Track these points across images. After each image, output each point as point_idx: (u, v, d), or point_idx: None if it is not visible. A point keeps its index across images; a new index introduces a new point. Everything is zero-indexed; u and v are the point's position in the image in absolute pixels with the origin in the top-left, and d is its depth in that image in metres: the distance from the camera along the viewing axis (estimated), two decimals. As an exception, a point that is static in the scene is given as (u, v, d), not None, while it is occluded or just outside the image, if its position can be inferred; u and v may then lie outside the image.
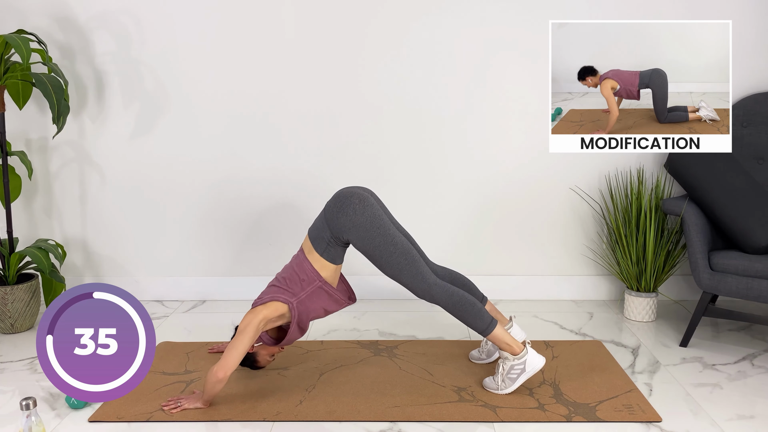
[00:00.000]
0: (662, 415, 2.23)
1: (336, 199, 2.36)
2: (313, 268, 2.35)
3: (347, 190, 2.38)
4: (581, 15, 3.17)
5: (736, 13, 3.14)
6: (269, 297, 2.34)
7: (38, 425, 1.95)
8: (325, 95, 3.29)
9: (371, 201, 2.35)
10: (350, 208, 2.31)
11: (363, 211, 2.31)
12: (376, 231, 2.31)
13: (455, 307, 2.36)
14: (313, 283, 2.35)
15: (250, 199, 3.40)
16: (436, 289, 2.35)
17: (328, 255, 2.36)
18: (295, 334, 2.41)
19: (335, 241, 2.35)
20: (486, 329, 2.35)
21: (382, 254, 2.33)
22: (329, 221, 2.34)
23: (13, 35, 2.82)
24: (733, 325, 3.07)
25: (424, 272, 2.36)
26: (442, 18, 3.20)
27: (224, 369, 2.22)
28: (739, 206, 2.75)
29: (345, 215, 2.31)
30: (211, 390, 2.25)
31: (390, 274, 2.37)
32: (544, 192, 3.36)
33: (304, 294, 2.35)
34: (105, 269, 3.49)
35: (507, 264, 3.45)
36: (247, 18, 3.22)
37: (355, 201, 2.32)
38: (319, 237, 2.36)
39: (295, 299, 2.34)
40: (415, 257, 2.35)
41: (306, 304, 2.36)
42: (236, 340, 2.26)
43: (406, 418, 2.22)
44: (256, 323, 2.27)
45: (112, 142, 3.36)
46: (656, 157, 3.30)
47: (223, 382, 2.24)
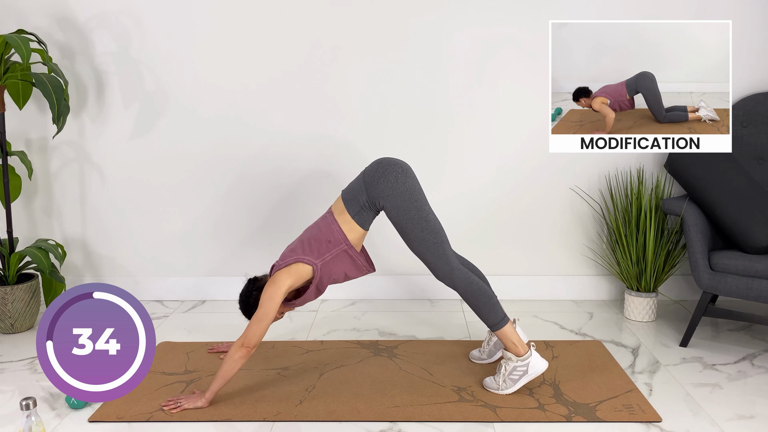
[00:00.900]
0: (662, 415, 2.23)
1: (378, 165, 2.37)
2: (341, 230, 2.34)
3: (390, 159, 2.39)
4: (581, 15, 3.17)
5: (736, 13, 3.14)
6: (293, 258, 2.32)
7: (38, 425, 1.95)
8: (325, 96, 3.29)
9: (412, 173, 2.37)
10: (392, 176, 2.32)
11: (405, 181, 2.32)
12: (413, 204, 2.32)
13: (473, 296, 2.36)
14: (339, 245, 2.34)
15: (251, 199, 3.40)
16: (458, 274, 2.36)
17: (360, 218, 2.35)
18: (311, 295, 2.40)
19: (369, 206, 2.35)
20: (498, 324, 2.35)
21: (414, 228, 2.33)
22: (368, 185, 2.34)
23: (13, 35, 2.82)
24: (733, 325, 3.07)
25: (450, 255, 2.36)
26: (442, 17, 3.20)
27: (250, 342, 2.21)
28: (739, 206, 2.75)
29: (386, 181, 2.31)
30: (230, 370, 2.24)
31: (416, 249, 2.36)
32: (544, 192, 3.36)
33: (329, 255, 2.34)
34: (105, 269, 3.50)
35: (507, 264, 3.45)
36: (247, 18, 3.22)
37: (397, 170, 2.33)
38: (353, 199, 2.36)
39: (320, 260, 2.33)
40: (444, 238, 2.36)
41: (329, 267, 2.35)
42: (261, 312, 2.24)
43: (406, 418, 2.22)
44: (281, 294, 2.27)
45: (112, 142, 3.36)
46: (656, 157, 3.30)
47: (245, 359, 2.23)
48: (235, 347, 2.24)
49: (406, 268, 3.43)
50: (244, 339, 2.23)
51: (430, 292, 3.48)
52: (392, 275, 3.46)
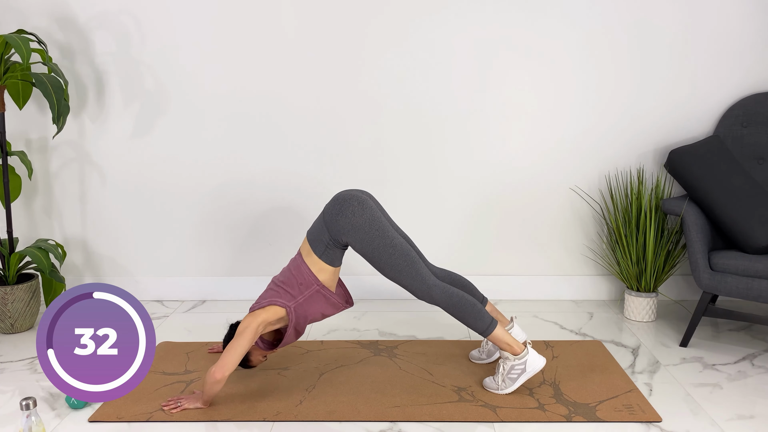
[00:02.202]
0: (662, 415, 2.23)
1: (335, 201, 2.36)
2: (311, 272, 2.35)
3: (346, 193, 2.38)
4: (581, 14, 3.17)
5: (736, 13, 3.14)
6: (267, 301, 2.34)
7: (38, 425, 1.95)
8: (325, 96, 3.29)
9: (370, 203, 2.36)
10: (349, 210, 2.31)
11: (362, 213, 2.31)
12: (375, 233, 2.31)
13: (455, 308, 2.36)
14: (311, 287, 2.36)
15: (250, 199, 3.40)
16: (435, 290, 2.35)
17: (327, 257, 2.36)
18: (291, 337, 2.41)
19: (334, 243, 2.35)
20: (486, 330, 2.35)
21: (381, 256, 2.33)
22: (328, 223, 2.34)
23: (13, 35, 2.82)
24: (733, 325, 3.07)
25: (424, 273, 2.36)
26: (442, 18, 3.20)
27: (222, 370, 2.22)
28: (739, 206, 2.75)
29: (344, 217, 2.31)
30: (210, 390, 2.25)
31: (389, 275, 2.37)
32: (544, 192, 3.36)
33: (302, 298, 2.35)
34: (105, 269, 3.50)
35: (507, 264, 3.44)
36: (247, 18, 3.22)
37: (354, 203, 2.33)
38: (317, 239, 2.36)
39: (293, 303, 2.34)
40: (414, 259, 2.36)
41: (304, 308, 2.36)
42: (235, 341, 2.26)
43: (406, 418, 2.22)
44: (255, 326, 2.28)
45: (112, 142, 3.36)
46: (656, 157, 3.30)
47: (222, 383, 2.24)
48: (210, 372, 2.23)
49: (406, 268, 3.43)
50: (218, 366, 2.23)
51: (430, 292, 3.47)
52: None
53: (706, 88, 3.22)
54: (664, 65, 3.21)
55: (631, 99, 3.25)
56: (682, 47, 3.19)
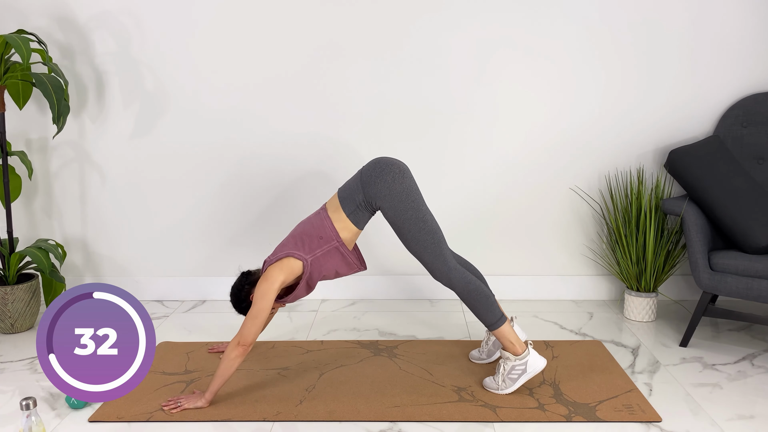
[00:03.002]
0: (662, 415, 2.23)
1: (376, 164, 2.36)
2: (334, 228, 2.34)
3: (388, 159, 2.38)
4: (582, 13, 3.17)
5: (736, 13, 3.15)
6: (285, 253, 2.32)
7: (38, 425, 1.95)
8: (324, 96, 3.29)
9: (410, 174, 2.37)
10: (389, 176, 2.31)
11: (402, 181, 2.32)
12: (410, 204, 2.31)
13: (470, 296, 2.36)
14: (331, 242, 2.34)
15: (251, 198, 3.40)
16: (455, 273, 2.36)
17: (355, 217, 2.35)
18: (302, 291, 2.40)
19: (365, 206, 2.35)
20: (495, 323, 2.35)
21: (411, 228, 2.32)
22: (365, 185, 2.33)
23: (13, 35, 2.82)
24: (733, 325, 3.07)
25: (447, 255, 2.36)
26: (442, 18, 3.20)
27: (246, 340, 2.21)
28: (739, 206, 2.75)
29: (383, 181, 2.31)
30: (228, 369, 2.24)
31: (413, 249, 2.36)
32: (544, 192, 3.36)
33: (320, 252, 2.34)
34: (105, 269, 3.50)
35: (507, 264, 3.45)
36: (247, 18, 3.22)
37: (395, 170, 2.33)
38: (349, 198, 2.35)
39: (310, 256, 2.33)
40: (441, 238, 2.36)
41: (320, 262, 2.35)
42: (255, 308, 2.24)
43: (406, 418, 2.22)
44: (273, 291, 2.27)
45: (112, 142, 3.36)
46: (656, 157, 3.30)
47: (242, 358, 2.23)
48: (231, 346, 2.24)
49: (405, 268, 3.43)
50: (239, 337, 2.23)
51: (429, 292, 3.47)
52: (392, 275, 3.46)
53: (706, 88, 3.22)
54: (664, 65, 3.21)
55: (631, 99, 3.25)
56: (682, 47, 3.19)
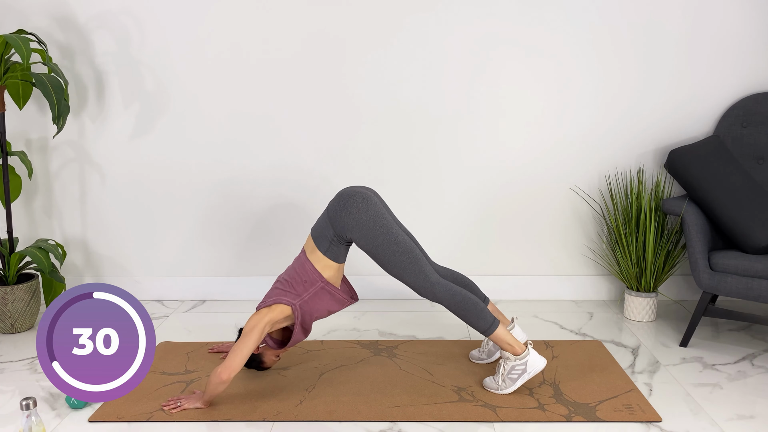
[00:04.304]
0: (662, 415, 2.23)
1: (339, 198, 2.37)
2: (315, 269, 2.36)
3: (350, 189, 2.38)
4: (578, 11, 3.17)
5: (735, 13, 3.14)
6: (273, 300, 2.34)
7: (38, 425, 1.95)
8: (325, 95, 3.28)
9: (374, 200, 2.36)
10: (353, 207, 2.32)
11: (366, 210, 2.32)
12: (379, 230, 2.32)
13: (458, 306, 2.36)
14: (316, 284, 2.36)
15: (251, 198, 3.40)
16: (438, 288, 2.36)
17: (331, 253, 2.36)
18: (299, 335, 2.42)
19: (338, 240, 2.35)
20: (488, 329, 2.35)
21: (385, 253, 2.33)
22: (332, 220, 2.34)
23: (13, 35, 2.82)
24: (733, 325, 3.07)
25: (427, 271, 2.36)
26: (440, 16, 3.20)
27: (228, 371, 2.22)
28: (739, 206, 2.75)
29: (348, 214, 2.31)
30: (214, 391, 2.26)
31: (393, 272, 2.37)
32: (544, 192, 3.36)
33: (307, 295, 2.36)
34: (105, 269, 3.49)
35: (507, 264, 3.44)
36: (246, 18, 3.22)
37: (358, 199, 2.33)
38: (322, 236, 2.36)
39: (298, 300, 2.35)
40: (418, 256, 2.36)
41: (310, 305, 2.37)
42: (241, 342, 2.26)
43: (406, 418, 2.22)
44: (261, 326, 2.28)
45: (112, 142, 3.36)
46: (656, 157, 3.30)
47: (226, 384, 2.24)
48: (215, 373, 2.24)
49: (406, 268, 3.43)
50: (222, 368, 2.23)
51: (430, 292, 3.47)
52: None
53: (706, 88, 3.22)
54: (664, 65, 3.21)
55: (631, 99, 3.25)
56: (682, 47, 3.19)
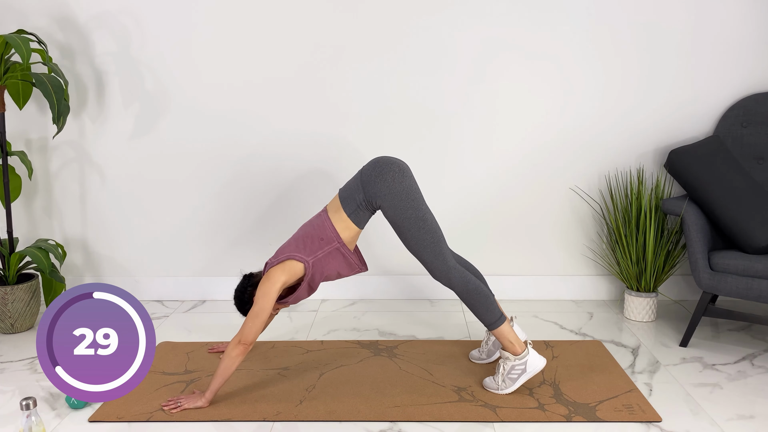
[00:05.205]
0: (662, 415, 2.23)
1: (376, 164, 2.36)
2: (335, 229, 2.35)
3: (387, 158, 2.38)
4: (582, 14, 3.17)
5: (736, 14, 3.15)
6: (286, 255, 2.33)
7: (38, 425, 1.95)
8: (325, 96, 3.29)
9: (409, 173, 2.37)
10: (389, 175, 2.32)
11: (402, 181, 2.32)
12: (410, 203, 2.32)
13: (469, 295, 2.36)
14: (332, 243, 2.35)
15: (250, 198, 3.40)
16: (454, 273, 2.36)
17: (356, 217, 2.36)
18: (304, 293, 2.40)
19: (366, 205, 2.35)
20: (494, 323, 2.36)
21: (410, 227, 2.33)
22: (365, 184, 2.34)
23: (13, 35, 2.82)
24: (733, 325, 3.07)
25: (447, 254, 2.37)
26: (442, 19, 3.20)
27: (247, 339, 2.22)
28: (739, 206, 2.75)
29: (383, 181, 2.31)
30: (228, 368, 2.24)
31: (413, 249, 2.36)
32: (544, 192, 3.36)
33: (321, 253, 2.35)
34: (105, 269, 3.50)
35: (507, 264, 3.45)
36: (247, 18, 3.22)
37: (395, 169, 2.33)
38: (350, 198, 2.36)
39: (311, 258, 2.34)
40: (441, 238, 2.36)
41: (322, 264, 2.36)
42: (256, 307, 2.25)
43: (406, 418, 2.22)
44: (275, 291, 2.27)
45: (112, 142, 3.36)
46: (656, 157, 3.30)
47: (243, 356, 2.24)
48: (232, 344, 2.25)
49: (406, 268, 3.43)
50: (240, 336, 2.24)
51: (429, 292, 3.48)
52: (392, 275, 3.46)
53: (706, 88, 3.22)
54: (664, 66, 3.21)
55: (631, 99, 3.25)
56: (682, 48, 3.19)
